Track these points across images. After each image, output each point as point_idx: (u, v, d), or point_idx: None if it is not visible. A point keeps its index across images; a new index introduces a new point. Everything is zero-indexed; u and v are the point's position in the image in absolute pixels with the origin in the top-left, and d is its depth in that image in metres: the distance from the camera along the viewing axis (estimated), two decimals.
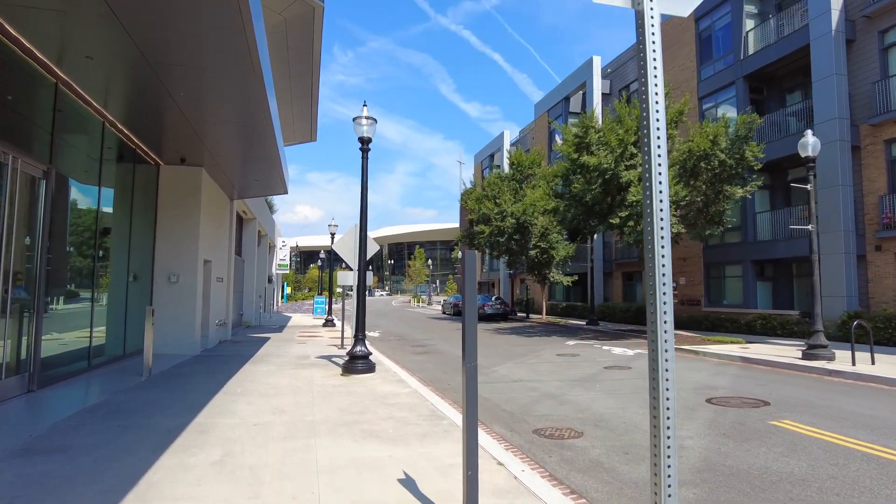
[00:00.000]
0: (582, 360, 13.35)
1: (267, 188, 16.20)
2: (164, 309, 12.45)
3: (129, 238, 11.16)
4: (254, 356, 12.57)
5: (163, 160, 12.60)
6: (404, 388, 8.42)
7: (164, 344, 12.37)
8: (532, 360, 13.39)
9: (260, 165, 13.09)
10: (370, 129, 10.08)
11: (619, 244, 29.10)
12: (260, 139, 10.82)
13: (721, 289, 21.94)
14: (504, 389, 9.21)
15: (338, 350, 14.31)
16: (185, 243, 12.73)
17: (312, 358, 12.37)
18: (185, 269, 12.67)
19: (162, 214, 12.67)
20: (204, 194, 13.16)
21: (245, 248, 24.41)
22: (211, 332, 14.67)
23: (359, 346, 9.67)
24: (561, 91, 35.11)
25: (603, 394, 8.81)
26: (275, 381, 8.94)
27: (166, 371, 9.82)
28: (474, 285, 3.53)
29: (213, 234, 14.71)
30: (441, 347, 16.44)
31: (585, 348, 15.97)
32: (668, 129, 18.12)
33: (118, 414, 6.33)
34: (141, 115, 9.56)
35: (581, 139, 18.57)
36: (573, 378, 10.43)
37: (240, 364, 11.08)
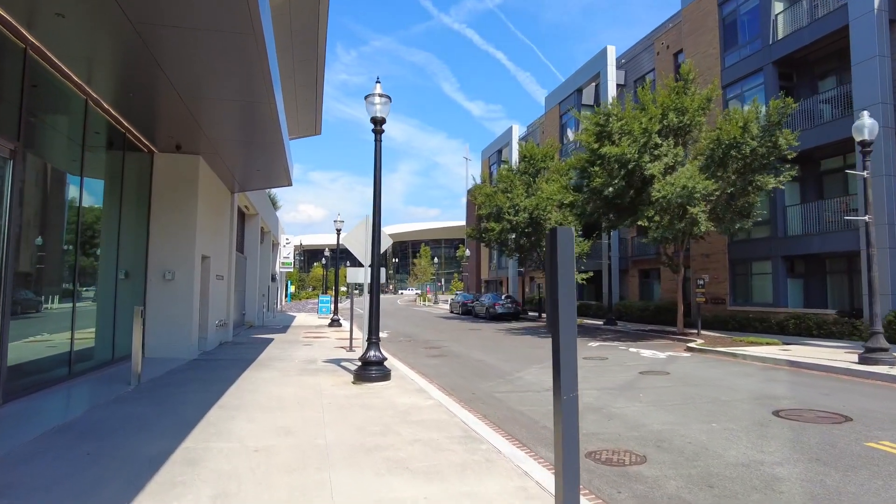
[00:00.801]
0: (612, 364, 12.29)
1: (269, 180, 15.18)
2: (159, 309, 11.45)
3: (119, 232, 10.15)
4: (255, 360, 11.55)
5: (157, 147, 11.59)
6: (426, 400, 7.38)
7: (157, 347, 11.38)
8: None
9: (262, 153, 12.07)
10: (384, 107, 9.04)
11: (637, 240, 28.00)
12: (261, 122, 9.79)
13: (747, 286, 20.82)
14: (537, 400, 8.16)
15: (346, 353, 13.30)
16: (181, 238, 11.72)
17: (320, 362, 11.35)
18: (181, 265, 11.67)
19: (156, 206, 11.66)
20: (202, 185, 12.15)
21: (247, 245, 23.42)
22: (210, 333, 13.67)
23: (372, 350, 8.64)
24: (573, 83, 33.98)
25: (651, 405, 7.75)
26: (279, 390, 7.91)
27: (157, 379, 8.80)
28: (571, 280, 2.47)
29: (212, 229, 13.70)
30: (456, 349, 15.40)
31: (611, 350, 14.91)
32: (696, 117, 17.00)
33: (92, 435, 5.30)
34: (128, 91, 8.53)
35: (602, 127, 17.45)
36: (610, 386, 9.38)
37: (240, 370, 10.06)
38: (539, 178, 26.84)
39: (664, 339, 18.04)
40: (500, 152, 46.40)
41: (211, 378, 9.03)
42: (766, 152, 15.71)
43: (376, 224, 9.03)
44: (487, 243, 28.89)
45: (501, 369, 11.41)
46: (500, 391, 8.90)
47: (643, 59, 29.69)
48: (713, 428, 6.46)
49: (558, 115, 35.89)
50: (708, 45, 22.67)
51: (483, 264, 51.78)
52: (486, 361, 12.66)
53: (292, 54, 14.57)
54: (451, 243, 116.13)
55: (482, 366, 11.97)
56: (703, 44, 22.87)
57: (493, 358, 13.30)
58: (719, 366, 11.93)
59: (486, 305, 30.43)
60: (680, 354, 13.99)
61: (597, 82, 32.73)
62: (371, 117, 9.03)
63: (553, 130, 35.99)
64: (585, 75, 32.72)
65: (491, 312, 29.66)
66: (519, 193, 25.98)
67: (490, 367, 11.69)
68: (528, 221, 25.34)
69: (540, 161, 27.14)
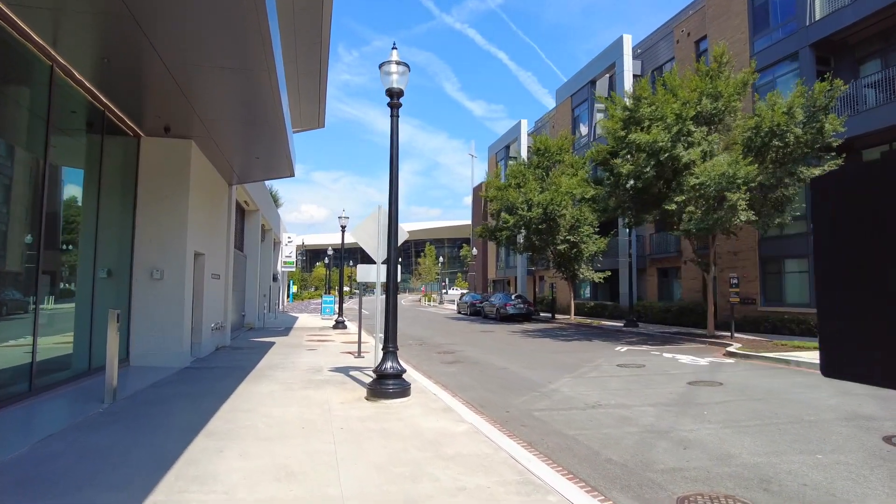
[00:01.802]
0: (651, 372, 11.00)
1: (270, 169, 13.92)
2: (145, 311, 10.20)
3: (98, 225, 8.88)
4: (254, 369, 10.29)
5: (143, 130, 10.33)
6: (458, 424, 6.10)
7: (144, 355, 10.13)
8: (591, 372, 11.05)
9: (261, 136, 10.80)
10: (401, 78, 7.77)
11: (656, 237, 26.69)
12: (260, 97, 8.53)
13: (780, 286, 19.49)
14: (585, 421, 6.88)
15: (354, 359, 12.04)
16: (171, 232, 10.47)
17: (326, 371, 10.08)
18: (170, 263, 10.41)
19: (143, 197, 10.40)
20: (194, 173, 10.89)
21: (247, 243, 22.17)
22: (205, 337, 12.41)
23: (389, 361, 7.35)
24: (586, 74, 32.65)
25: (725, 427, 6.46)
26: (280, 410, 6.64)
27: (139, 393, 7.53)
28: None
29: (207, 223, 12.44)
30: (472, 355, 14.12)
31: (643, 356, 13.61)
32: (732, 102, 15.68)
33: (32, 484, 4.03)
34: (103, 57, 7.26)
35: (631, 113, 16.13)
36: (663, 401, 8.09)
37: (236, 381, 8.79)
38: (553, 171, 25.55)
39: (695, 343, 16.74)
40: (507, 148, 45.08)
41: (201, 392, 7.76)
42: (811, 140, 14.40)
43: (393, 214, 7.76)
44: (499, 240, 27.58)
45: (530, 379, 10.13)
46: (539, 408, 7.61)
47: (660, 48, 28.38)
48: (821, 461, 5.17)
49: (570, 108, 34.58)
50: (735, 30, 21.33)
51: (490, 263, 50.49)
52: (509, 370, 11.38)
53: (295, 40, 13.31)
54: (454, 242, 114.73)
55: (507, 375, 10.69)
56: (730, 29, 21.55)
57: (517, 365, 12.02)
58: (775, 374, 10.62)
59: (497, 306, 29.14)
60: (722, 361, 12.68)
61: (611, 74, 31.40)
62: (386, 89, 7.76)
63: (564, 124, 34.66)
64: (599, 66, 31.40)
65: (502, 313, 28.36)
66: (532, 188, 24.69)
67: (516, 377, 10.41)
68: (541, 217, 24.05)
69: (555, 154, 25.83)
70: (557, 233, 24.56)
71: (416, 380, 9.15)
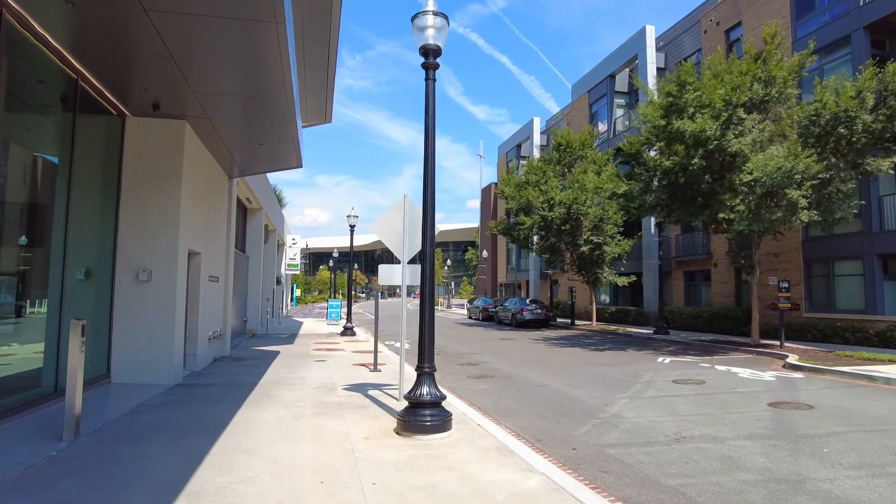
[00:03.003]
0: (716, 389, 9.47)
1: (275, 159, 12.45)
2: (130, 319, 8.73)
3: (67, 217, 7.40)
4: (256, 386, 8.80)
5: (129, 109, 8.88)
6: (527, 474, 4.58)
7: (127, 370, 8.65)
8: (647, 390, 9.52)
9: (265, 116, 9.34)
10: (438, 33, 6.29)
11: (682, 239, 25.14)
12: (264, 60, 7.09)
13: (828, 290, 17.91)
14: (680, 463, 5.35)
15: (370, 373, 10.55)
16: (160, 228, 9.00)
17: (340, 390, 8.58)
18: (160, 262, 8.94)
19: (129, 186, 8.95)
20: (189, 159, 9.43)
21: (249, 244, 20.74)
22: (200, 348, 10.93)
23: (425, 386, 5.84)
24: (605, 68, 31.16)
25: (872, 475, 4.93)
26: (289, 450, 5.14)
27: (111, 424, 6.04)
28: None
29: (204, 219, 10.98)
30: (501, 367, 12.60)
31: (693, 369, 12.08)
32: (786, 88, 14.16)
33: None
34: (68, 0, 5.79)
35: (675, 99, 14.60)
36: (759, 431, 6.55)
37: (234, 404, 7.30)
38: (575, 168, 24.04)
39: (740, 352, 15.19)
40: (518, 147, 43.63)
41: (191, 422, 6.26)
42: (881, 128, 12.86)
43: (428, 200, 6.26)
44: (516, 237, 26.04)
45: (580, 400, 8.61)
46: (611, 443, 6.09)
47: (685, 40, 26.88)
48: None
49: (587, 104, 33.08)
50: (774, 15, 19.80)
51: (500, 266, 48.97)
52: (551, 387, 9.85)
53: (302, 24, 11.90)
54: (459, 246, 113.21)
55: (552, 395, 9.16)
56: (768, 13, 20.03)
57: (557, 381, 10.50)
58: (867, 395, 9.06)
59: (513, 311, 27.58)
60: (789, 375, 11.13)
61: (631, 67, 29.94)
62: (421, 47, 6.28)
63: (581, 121, 33.15)
64: (619, 59, 29.92)
65: (518, 319, 26.81)
66: (553, 186, 23.17)
67: (563, 397, 8.89)
68: (564, 217, 22.52)
69: (577, 149, 24.31)
70: (580, 234, 23.04)
71: (449, 401, 7.64)
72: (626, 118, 30.04)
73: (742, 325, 20.29)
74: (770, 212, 13.69)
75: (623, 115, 30.21)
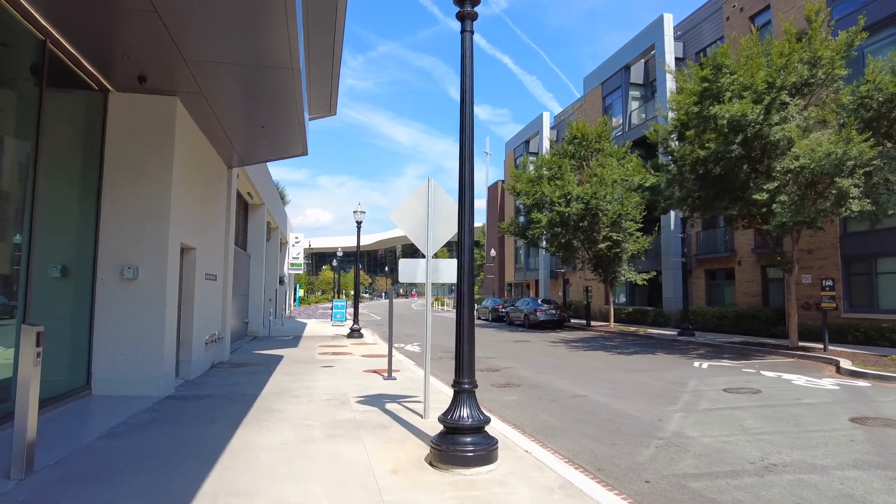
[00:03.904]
0: (778, 401, 8.35)
1: (278, 145, 11.36)
2: (113, 322, 7.66)
3: (33, 206, 6.31)
4: (258, 399, 7.71)
5: (112, 83, 7.80)
6: None
7: (111, 381, 7.57)
8: (700, 401, 8.40)
9: (268, 95, 8.26)
10: None
11: (703, 235, 24.00)
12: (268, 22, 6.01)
13: (870, 289, 16.75)
14: (789, 502, 4.25)
15: (383, 381, 9.48)
16: (148, 218, 7.92)
17: (354, 403, 7.49)
18: (148, 258, 7.86)
19: (112, 172, 7.86)
20: (181, 141, 8.35)
21: (251, 242, 19.68)
22: (196, 354, 9.85)
23: (465, 407, 4.73)
24: (619, 59, 30.01)
25: None
26: (298, 491, 4.04)
27: (78, 454, 4.94)
28: None
29: (199, 210, 9.91)
30: (524, 373, 11.50)
31: (737, 375, 10.96)
32: (833, 68, 13.01)
33: None
34: None
35: (711, 84, 13.46)
36: (863, 457, 5.44)
37: (231, 422, 6.21)
38: (592, 161, 22.92)
39: (781, 356, 14.05)
40: (527, 143, 42.51)
41: (176, 449, 5.17)
42: None
43: (465, 179, 5.15)
44: (531, 238, 24.95)
45: (629, 415, 7.50)
46: (688, 472, 4.99)
47: (704, 28, 25.74)
48: None
49: (600, 96, 31.94)
50: None
51: (507, 266, 47.85)
52: (589, 398, 8.75)
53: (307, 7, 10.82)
54: None
55: (593, 407, 8.05)
56: None
57: (593, 391, 9.39)
58: None
59: (525, 312, 26.46)
60: (852, 383, 10.00)
61: (647, 58, 28.83)
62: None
63: (594, 114, 32.00)
64: (634, 50, 28.78)
65: (531, 320, 25.68)
66: (570, 180, 22.05)
67: (608, 411, 7.78)
68: (581, 212, 21.40)
69: (594, 142, 23.19)
70: (598, 230, 21.91)
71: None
72: (642, 110, 28.93)
73: (772, 326, 19.18)
74: (814, 202, 12.57)
75: (639, 108, 29.08)
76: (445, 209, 6.78)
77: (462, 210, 5.12)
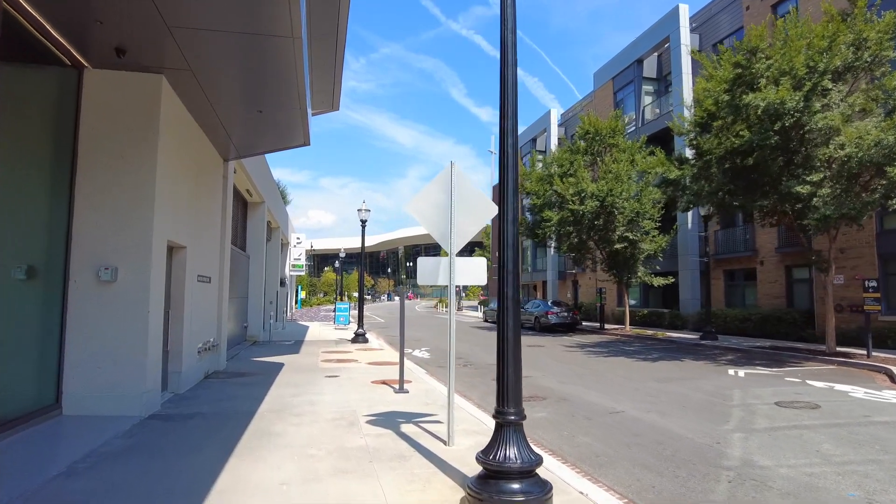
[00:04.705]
0: (842, 417, 7.35)
1: (278, 133, 10.40)
2: (89, 330, 6.70)
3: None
4: (254, 419, 6.73)
5: (87, 59, 6.84)
6: None
7: (85, 397, 6.60)
8: (753, 418, 7.40)
9: (265, 70, 7.30)
10: None
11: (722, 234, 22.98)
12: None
13: None
14: None
15: (395, 394, 8.51)
16: (129, 212, 6.95)
17: (364, 424, 6.51)
18: (128, 256, 6.89)
19: (87, 159, 6.90)
20: (167, 124, 7.38)
21: (250, 242, 18.72)
22: (187, 364, 8.87)
23: (512, 446, 3.71)
24: (631, 53, 29.01)
25: None
26: None
27: (21, 501, 3.96)
28: None
29: (191, 205, 8.94)
30: (548, 384, 10.52)
31: (782, 385, 9.96)
32: (882, 50, 12.00)
33: None
34: None
35: (744, 70, 12.45)
36: None
37: (220, 452, 5.23)
38: (606, 157, 21.92)
39: (820, 363, 13.05)
40: (534, 141, 41.53)
41: (150, 491, 4.19)
42: None
43: (507, 149, 4.17)
44: (541, 238, 23.96)
45: (680, 435, 6.51)
46: None
47: (721, 19, 24.73)
48: None
49: (611, 91, 30.93)
50: None
51: None
52: (628, 414, 7.75)
53: None
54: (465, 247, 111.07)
55: (636, 426, 7.05)
56: None
57: (629, 405, 8.40)
58: None
59: (536, 315, 25.45)
60: None
61: (660, 52, 27.84)
62: None
63: (605, 110, 30.98)
64: (647, 43, 27.78)
65: (542, 323, 24.68)
66: (583, 177, 21.05)
67: (655, 431, 6.78)
68: (597, 210, 20.40)
69: (607, 137, 22.19)
70: (614, 229, 20.91)
71: None
72: (656, 105, 27.95)
73: (800, 330, 18.16)
74: (858, 195, 11.57)
75: (652, 103, 28.09)
76: (471, 199, 5.80)
77: (505, 193, 4.13)
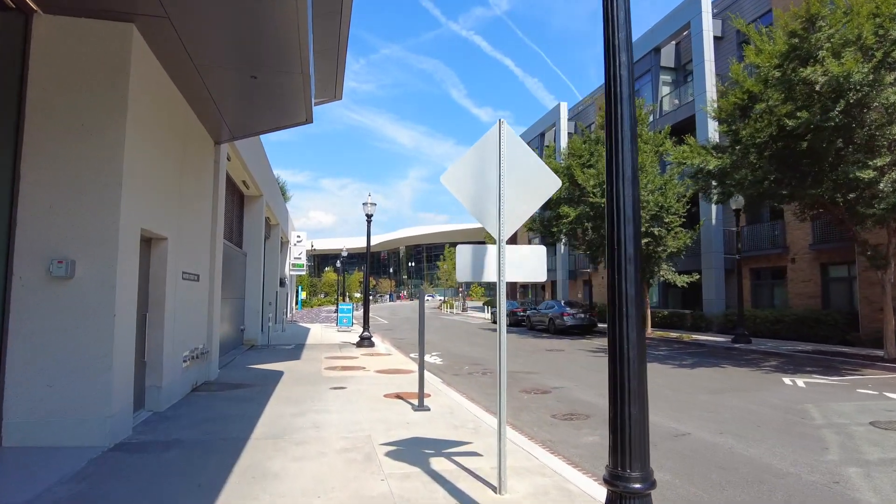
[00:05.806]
0: None
1: (276, 107, 9.02)
2: (36, 340, 5.34)
3: None
4: (245, 448, 5.37)
5: (38, 1, 5.49)
6: None
7: (30, 425, 5.24)
8: (854, 443, 6.05)
9: (261, 25, 5.93)
10: None
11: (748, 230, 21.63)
12: None
13: None
14: None
15: (414, 412, 7.19)
16: (90, 191, 5.59)
17: (383, 458, 5.15)
18: (88, 247, 5.53)
19: (36, 126, 5.54)
20: (140, 86, 6.02)
21: (248, 238, 17.37)
22: (169, 376, 7.50)
23: None
24: (647, 42, 27.64)
25: None
26: None
27: None
28: None
29: (172, 189, 7.57)
30: (581, 395, 9.17)
31: (856, 397, 8.62)
32: None
33: None
34: None
35: (800, 40, 11.11)
36: None
37: (204, 499, 3.88)
38: None
39: (882, 371, 11.72)
40: (542, 136, 40.19)
41: None
42: None
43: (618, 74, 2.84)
44: (556, 235, 22.62)
45: (777, 469, 5.16)
46: None
47: (745, 4, 23.39)
48: None
49: None
50: None
51: None
52: (695, 437, 6.40)
53: None
54: None
55: (715, 455, 5.70)
56: None
57: (691, 424, 7.05)
58: None
59: (550, 316, 24.09)
60: None
61: (678, 40, 26.52)
62: None
63: None
64: (666, 31, 26.45)
65: (557, 325, 23.31)
66: (602, 169, 19.69)
67: (743, 463, 5.43)
68: None
69: None
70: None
71: (562, 475, 4.19)
72: (675, 95, 26.63)
73: (842, 333, 16.83)
74: None
75: (671, 93, 26.76)
76: (526, 168, 4.46)
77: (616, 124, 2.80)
